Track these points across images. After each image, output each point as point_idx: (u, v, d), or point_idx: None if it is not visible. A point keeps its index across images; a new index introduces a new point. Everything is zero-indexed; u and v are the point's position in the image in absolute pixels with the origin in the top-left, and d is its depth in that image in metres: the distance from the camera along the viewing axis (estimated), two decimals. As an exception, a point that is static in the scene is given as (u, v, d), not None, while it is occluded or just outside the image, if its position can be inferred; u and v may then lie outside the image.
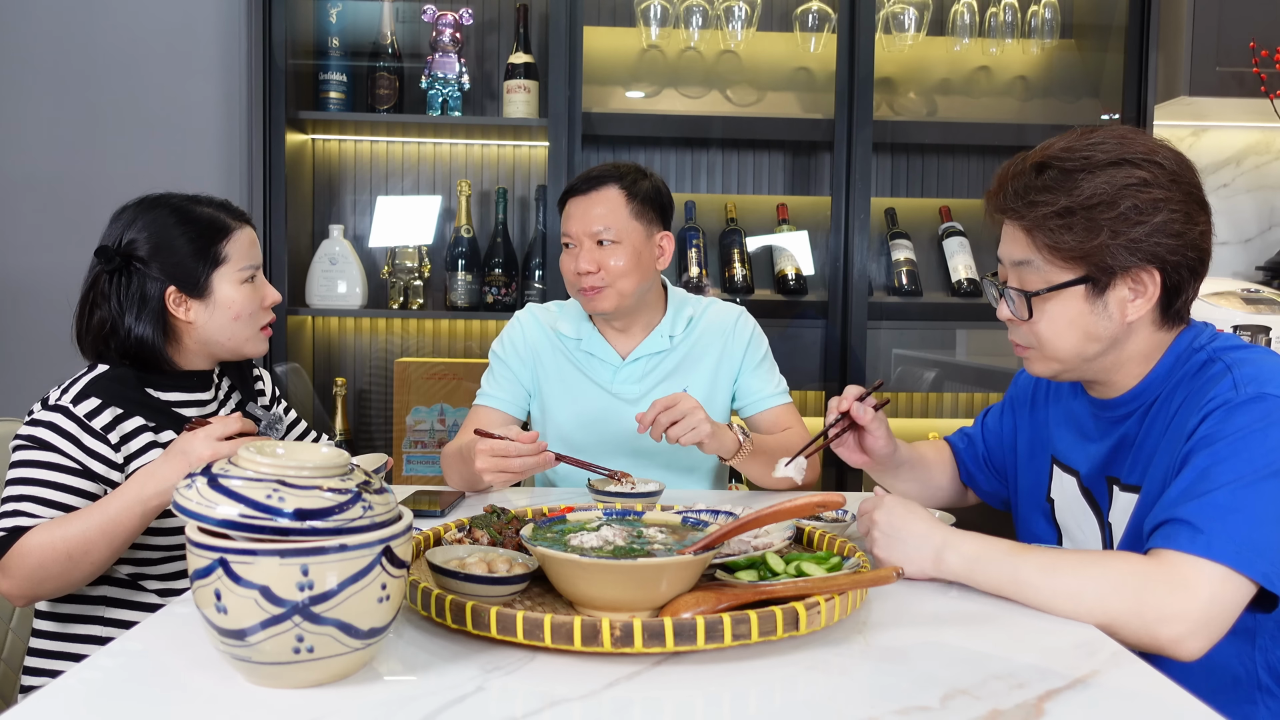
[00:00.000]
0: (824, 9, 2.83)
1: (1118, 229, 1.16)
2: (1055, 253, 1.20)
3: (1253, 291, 2.79)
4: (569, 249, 1.83)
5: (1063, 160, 1.20)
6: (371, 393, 2.93)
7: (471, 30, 2.85)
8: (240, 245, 1.52)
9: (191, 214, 1.50)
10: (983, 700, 0.89)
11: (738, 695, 0.92)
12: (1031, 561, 1.13)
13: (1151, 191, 1.16)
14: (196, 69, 2.82)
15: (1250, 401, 1.13)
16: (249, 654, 0.86)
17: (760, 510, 1.10)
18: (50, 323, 2.80)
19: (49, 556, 1.29)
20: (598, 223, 1.79)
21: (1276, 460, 1.10)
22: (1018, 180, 1.23)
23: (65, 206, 2.80)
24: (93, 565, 1.32)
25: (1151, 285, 1.19)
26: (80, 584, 1.35)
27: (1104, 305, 1.21)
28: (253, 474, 0.88)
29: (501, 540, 1.23)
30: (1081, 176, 1.18)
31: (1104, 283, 1.20)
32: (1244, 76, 2.71)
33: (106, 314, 1.48)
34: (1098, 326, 1.22)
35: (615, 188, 1.82)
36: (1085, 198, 1.17)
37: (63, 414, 1.40)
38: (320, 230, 2.86)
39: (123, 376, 1.47)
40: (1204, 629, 1.06)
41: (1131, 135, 1.21)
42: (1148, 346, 1.25)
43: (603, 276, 1.79)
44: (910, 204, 3.00)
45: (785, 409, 1.92)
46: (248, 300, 1.51)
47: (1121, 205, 1.16)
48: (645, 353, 1.88)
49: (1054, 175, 1.20)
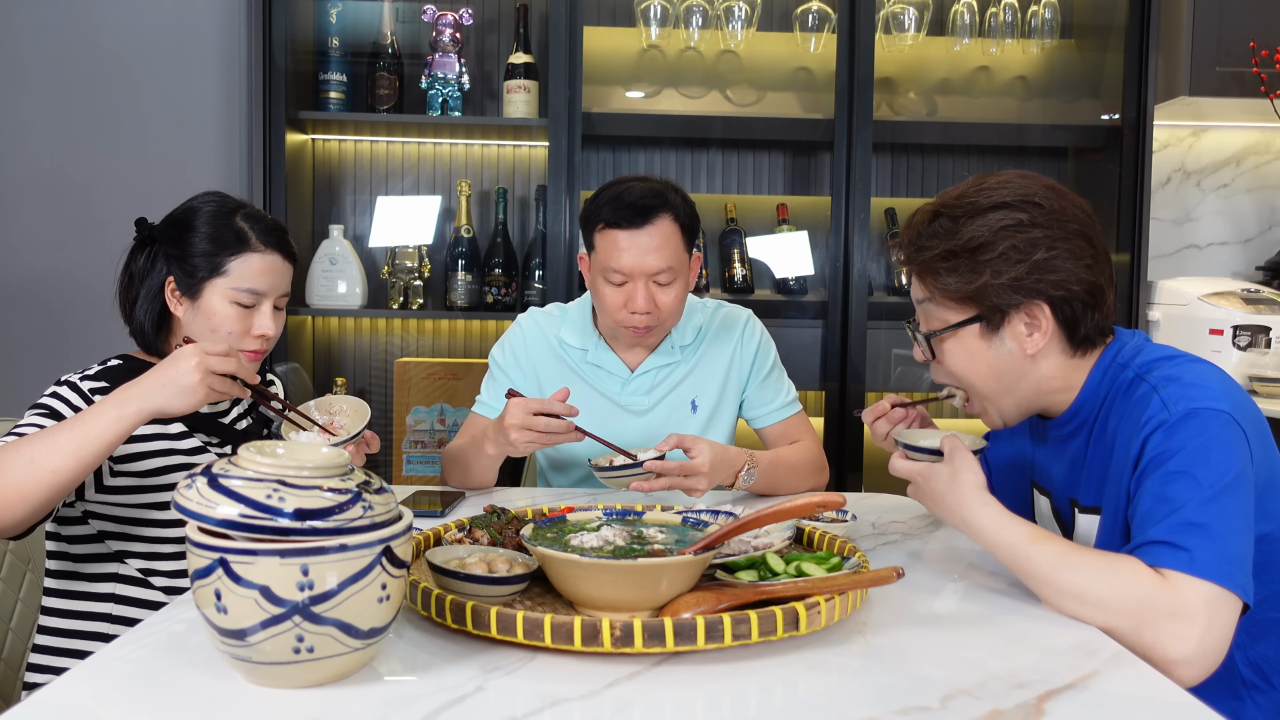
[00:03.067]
0: (824, 9, 2.83)
1: (999, 269, 1.22)
2: (946, 294, 1.27)
3: (1253, 291, 2.79)
4: (616, 285, 1.71)
5: (951, 208, 1.27)
6: (371, 393, 2.93)
7: (471, 30, 2.86)
8: (249, 267, 1.48)
9: (224, 220, 1.50)
10: (983, 700, 0.89)
11: (738, 695, 0.92)
12: (1045, 552, 1.14)
13: (1029, 232, 1.21)
14: (197, 69, 2.82)
15: (1184, 419, 1.15)
16: (249, 654, 0.86)
17: (760, 510, 1.10)
18: (50, 323, 2.80)
19: (9, 462, 1.21)
20: (659, 261, 1.68)
21: (1226, 473, 1.11)
22: (914, 229, 1.30)
23: (65, 206, 2.80)
24: (54, 474, 1.21)
25: (1044, 320, 1.24)
26: (41, 500, 1.23)
27: (1000, 341, 1.26)
28: (253, 474, 0.88)
29: (501, 540, 1.23)
30: (964, 221, 1.24)
31: (996, 321, 1.25)
32: (1244, 76, 2.71)
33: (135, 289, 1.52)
34: (999, 361, 1.27)
35: (669, 219, 1.70)
36: (965, 241, 1.23)
37: (69, 387, 1.42)
38: (320, 230, 2.86)
39: (134, 369, 1.47)
40: (1202, 658, 1.05)
41: (1019, 180, 1.26)
42: (1063, 371, 1.28)
43: (656, 316, 1.71)
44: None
45: (795, 420, 1.88)
46: (231, 320, 1.47)
47: (1000, 246, 1.22)
48: (654, 365, 1.83)
49: (943, 222, 1.26)
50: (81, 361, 1.54)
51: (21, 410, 1.44)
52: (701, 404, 1.85)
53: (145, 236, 1.52)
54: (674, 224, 1.70)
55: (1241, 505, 1.11)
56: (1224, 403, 1.15)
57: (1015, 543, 1.16)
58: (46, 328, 2.80)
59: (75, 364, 1.52)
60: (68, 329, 2.80)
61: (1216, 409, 1.14)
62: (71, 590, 1.46)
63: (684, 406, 1.85)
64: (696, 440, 1.57)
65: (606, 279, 1.72)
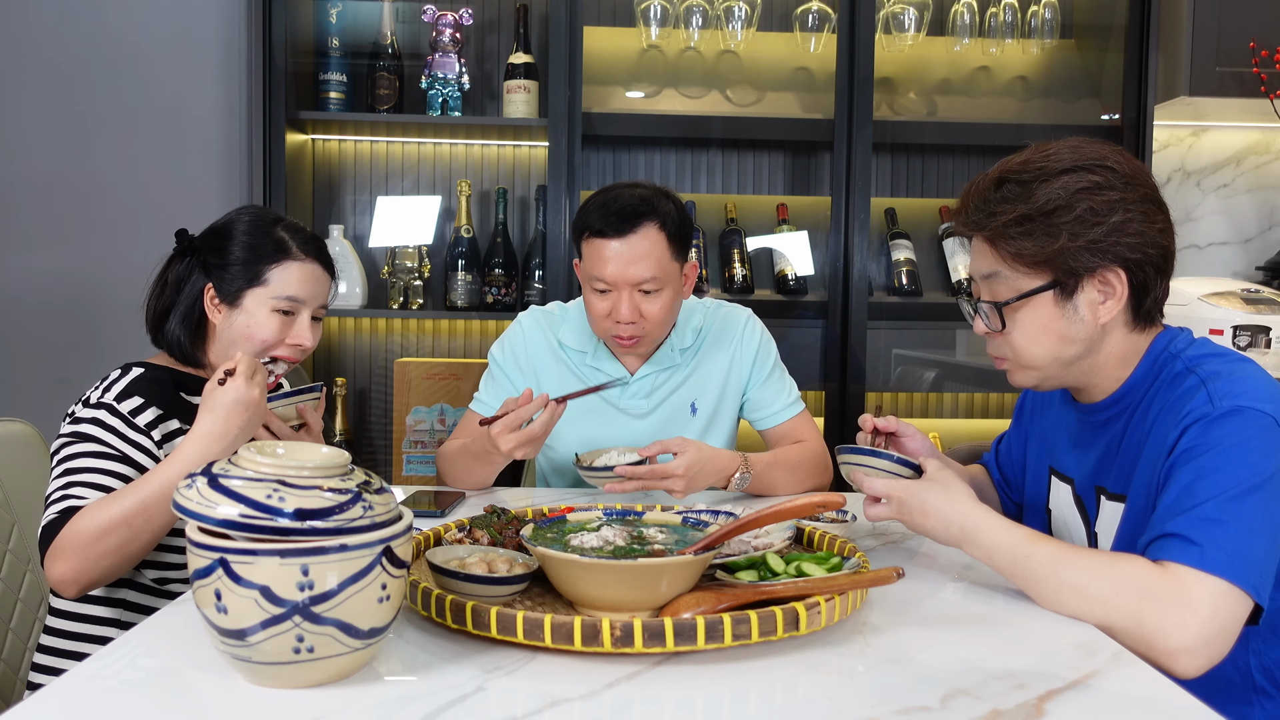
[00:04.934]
0: (824, 9, 2.83)
1: (1076, 231, 1.20)
2: (1020, 260, 1.23)
3: (1253, 291, 2.79)
4: (601, 293, 1.70)
5: (1019, 173, 1.25)
6: (371, 393, 2.93)
7: (471, 30, 2.85)
8: (289, 276, 1.50)
9: (264, 230, 1.51)
10: (983, 700, 0.89)
11: (738, 695, 0.92)
12: (1044, 552, 1.14)
13: (1106, 194, 1.20)
14: (196, 69, 2.82)
15: (1227, 415, 1.14)
16: (249, 654, 0.86)
17: (760, 510, 1.10)
18: (50, 323, 2.80)
19: (106, 528, 1.26)
20: (642, 271, 1.66)
21: (1258, 474, 1.11)
22: (979, 196, 1.28)
23: (65, 206, 2.80)
24: (153, 534, 1.29)
25: (1119, 285, 1.22)
26: (137, 558, 1.31)
27: (1074, 309, 1.23)
28: (253, 474, 0.88)
29: (501, 540, 1.23)
30: (1037, 186, 1.22)
31: (1071, 286, 1.22)
32: (1244, 76, 2.71)
33: (169, 297, 1.52)
34: (1070, 330, 1.24)
35: (654, 227, 1.67)
36: (1042, 204, 1.21)
37: (106, 410, 1.40)
38: (320, 230, 2.86)
39: (160, 379, 1.48)
40: (1204, 647, 1.05)
41: (1084, 144, 1.25)
42: (1123, 349, 1.27)
43: (642, 326, 1.70)
44: (910, 204, 3.00)
45: (798, 420, 1.87)
46: (270, 328, 1.49)
47: (1078, 208, 1.20)
48: (654, 369, 1.82)
49: (1012, 188, 1.24)
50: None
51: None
52: (701, 407, 1.85)
53: (185, 246, 1.53)
54: (660, 232, 1.67)
55: (1269, 507, 1.10)
56: (1269, 405, 1.15)
57: (1015, 542, 1.16)
58: (46, 328, 2.79)
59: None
60: (67, 329, 2.80)
61: (1260, 410, 1.14)
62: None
63: (684, 409, 1.85)
64: (685, 443, 1.58)
65: (593, 288, 1.71)
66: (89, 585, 1.29)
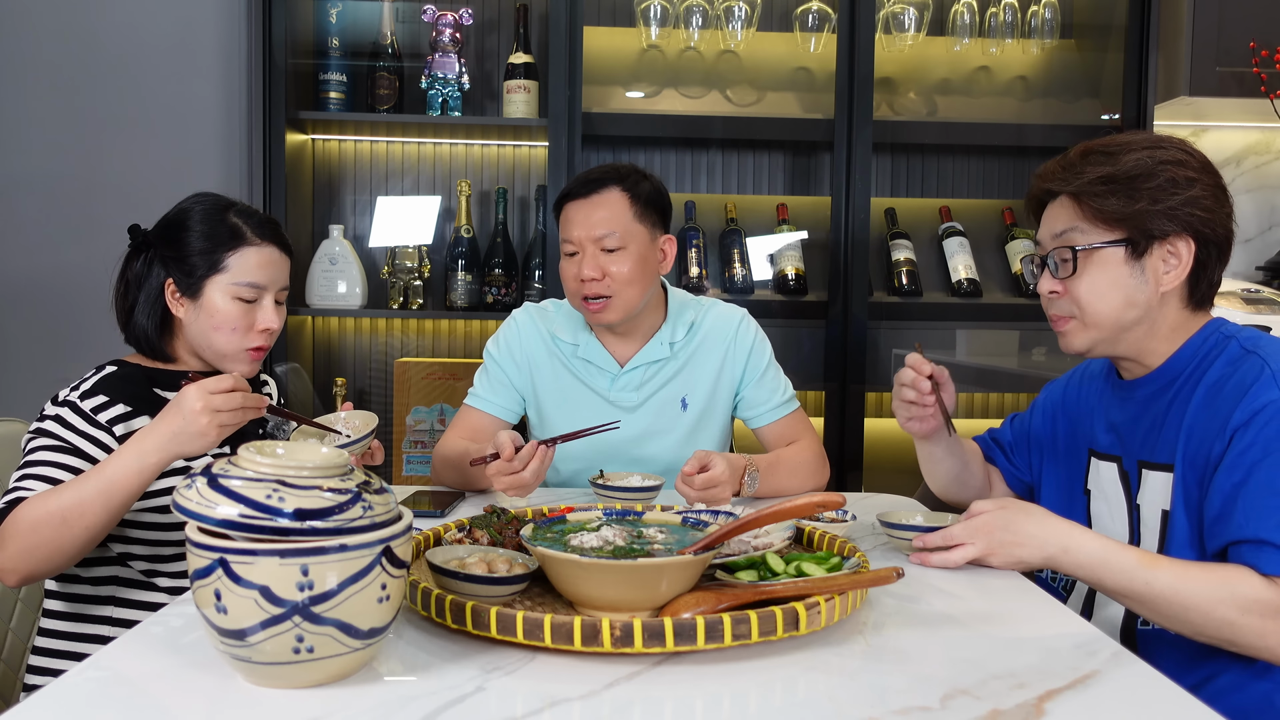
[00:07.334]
0: (824, 9, 2.83)
1: (1156, 197, 1.28)
2: (1099, 217, 1.31)
3: (1253, 291, 2.79)
4: (570, 256, 1.77)
5: (1104, 146, 1.35)
6: (371, 393, 2.93)
7: (471, 30, 2.85)
8: (248, 261, 1.49)
9: (217, 217, 1.50)
10: (983, 700, 0.89)
11: (738, 695, 0.92)
12: (1164, 575, 1.18)
13: (1185, 170, 1.29)
14: (197, 69, 2.82)
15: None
16: (249, 654, 0.86)
17: (760, 510, 1.10)
18: (50, 323, 2.80)
19: (41, 520, 1.25)
20: (601, 226, 1.73)
21: None
22: (1063, 163, 1.38)
23: (65, 206, 2.80)
24: (87, 530, 1.27)
25: (1186, 253, 1.29)
26: (75, 554, 1.29)
27: (1141, 270, 1.31)
28: (253, 474, 0.88)
29: (501, 540, 1.23)
30: (1121, 156, 1.32)
31: (1143, 247, 1.30)
32: (1244, 76, 2.71)
33: (133, 295, 1.52)
34: (1135, 291, 1.31)
35: (617, 190, 1.76)
36: (1128, 169, 1.30)
37: (69, 408, 1.41)
38: (320, 230, 2.86)
39: (131, 375, 1.48)
40: None
41: (1160, 135, 1.36)
42: (1176, 321, 1.34)
43: (608, 285, 1.73)
44: (910, 204, 3.00)
45: (792, 419, 1.88)
46: (234, 316, 1.48)
47: (1159, 177, 1.29)
48: (644, 360, 1.83)
49: (1097, 157, 1.34)
50: (79, 361, 1.54)
51: (20, 410, 1.44)
52: (692, 402, 1.85)
53: (140, 242, 1.52)
54: (622, 194, 1.76)
55: None
56: None
57: (1131, 567, 1.20)
58: (46, 328, 2.79)
59: (75, 364, 1.52)
60: (67, 329, 2.80)
61: None
62: (73, 593, 1.46)
63: (674, 404, 1.85)
64: (709, 455, 1.59)
65: (564, 253, 1.78)
66: (29, 576, 1.30)
